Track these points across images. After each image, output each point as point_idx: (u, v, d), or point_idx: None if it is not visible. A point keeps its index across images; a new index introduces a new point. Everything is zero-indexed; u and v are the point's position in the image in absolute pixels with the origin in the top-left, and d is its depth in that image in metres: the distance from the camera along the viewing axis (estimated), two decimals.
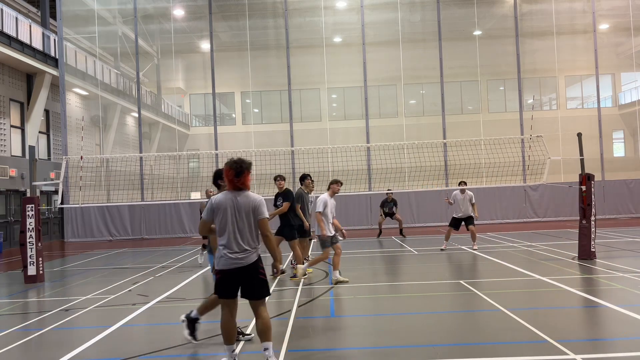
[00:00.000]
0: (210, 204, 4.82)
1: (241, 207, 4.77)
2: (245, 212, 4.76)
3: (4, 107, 20.58)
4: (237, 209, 4.76)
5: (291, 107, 24.05)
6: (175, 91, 27.42)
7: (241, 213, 4.76)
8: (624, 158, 26.23)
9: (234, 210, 4.76)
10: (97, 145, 25.10)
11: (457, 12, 24.83)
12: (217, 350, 5.72)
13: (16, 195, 20.72)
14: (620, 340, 5.56)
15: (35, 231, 11.18)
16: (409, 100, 25.71)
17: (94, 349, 5.92)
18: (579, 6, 24.84)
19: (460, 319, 6.70)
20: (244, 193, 4.82)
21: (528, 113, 23.61)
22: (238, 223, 4.76)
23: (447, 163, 22.10)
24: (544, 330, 5.78)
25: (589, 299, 7.47)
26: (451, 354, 5.21)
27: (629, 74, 26.12)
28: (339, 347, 5.73)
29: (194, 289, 9.59)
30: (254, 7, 24.55)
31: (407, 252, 13.72)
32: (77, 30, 24.54)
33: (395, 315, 7.10)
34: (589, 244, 10.98)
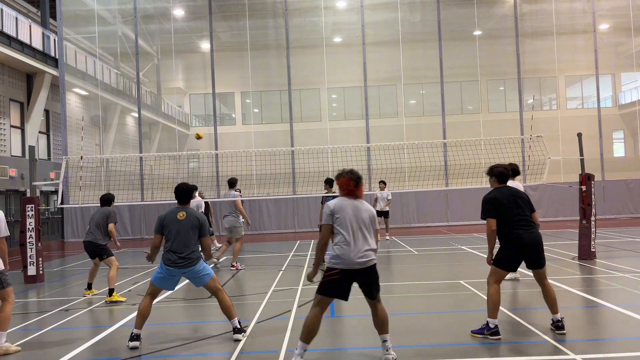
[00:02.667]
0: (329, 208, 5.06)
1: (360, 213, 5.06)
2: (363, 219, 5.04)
3: (4, 107, 20.58)
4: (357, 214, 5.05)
5: (291, 107, 24.04)
6: (175, 91, 27.41)
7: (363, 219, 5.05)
8: (624, 158, 26.23)
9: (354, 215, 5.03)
10: (97, 145, 25.10)
11: (457, 12, 24.83)
12: (217, 350, 5.72)
13: (16, 195, 20.72)
14: (620, 340, 5.56)
15: (35, 231, 11.18)
16: (409, 100, 25.71)
17: (94, 349, 5.92)
18: (579, 6, 24.84)
19: (460, 318, 6.69)
20: (361, 201, 5.15)
21: (528, 113, 23.61)
22: (360, 227, 5.00)
23: (447, 163, 22.09)
24: (544, 330, 5.78)
25: (589, 299, 7.47)
26: (451, 354, 5.21)
27: (629, 74, 26.12)
28: (339, 347, 5.72)
29: (194, 289, 9.59)
30: (254, 7, 24.55)
31: (407, 252, 13.72)
32: (77, 30, 24.53)
33: (395, 315, 7.09)
34: (589, 244, 10.98)
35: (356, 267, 4.91)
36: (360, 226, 4.97)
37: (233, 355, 5.40)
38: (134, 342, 5.75)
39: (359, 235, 4.94)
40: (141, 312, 5.87)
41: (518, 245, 5.62)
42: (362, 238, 4.95)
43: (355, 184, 5.10)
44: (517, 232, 5.62)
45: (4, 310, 5.70)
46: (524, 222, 5.70)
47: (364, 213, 5.04)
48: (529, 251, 5.66)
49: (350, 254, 4.88)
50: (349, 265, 4.89)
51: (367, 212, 5.07)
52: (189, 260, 5.90)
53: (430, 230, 20.77)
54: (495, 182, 5.99)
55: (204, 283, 6.02)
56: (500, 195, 5.78)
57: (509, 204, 5.72)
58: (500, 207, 5.70)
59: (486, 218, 5.74)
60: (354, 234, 4.92)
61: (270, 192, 18.85)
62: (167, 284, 6.06)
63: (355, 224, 4.96)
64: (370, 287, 5.08)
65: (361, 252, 4.91)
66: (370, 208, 5.14)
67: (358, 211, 5.02)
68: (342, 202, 5.06)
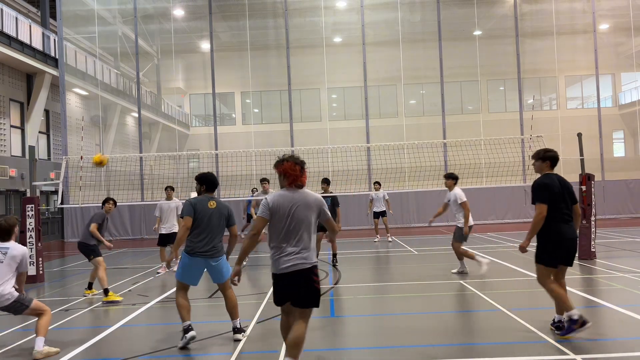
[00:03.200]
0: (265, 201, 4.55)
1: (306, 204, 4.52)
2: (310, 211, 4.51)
3: (4, 107, 20.57)
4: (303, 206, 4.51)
5: (291, 107, 24.04)
6: (175, 91, 27.42)
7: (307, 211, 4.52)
8: (624, 158, 26.23)
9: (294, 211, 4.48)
10: (97, 145, 25.10)
11: (457, 12, 24.82)
12: (217, 350, 5.72)
13: (16, 195, 20.71)
14: (620, 340, 5.56)
15: (35, 231, 11.19)
16: (409, 100, 25.71)
17: (94, 349, 5.92)
18: (579, 6, 24.83)
19: (460, 319, 6.69)
20: (304, 191, 4.61)
21: (528, 113, 23.60)
22: (297, 226, 4.46)
23: (447, 163, 22.08)
24: (544, 330, 5.78)
25: (589, 299, 7.47)
26: (451, 354, 5.21)
27: (629, 74, 26.12)
28: (339, 347, 5.72)
29: (194, 289, 9.58)
30: (254, 7, 24.54)
31: (407, 252, 13.72)
32: (77, 30, 24.53)
33: (395, 315, 7.10)
34: (589, 244, 10.98)
35: (286, 271, 4.42)
36: (297, 224, 4.43)
37: (233, 355, 5.40)
38: (190, 333, 5.69)
39: (293, 235, 4.43)
40: (181, 306, 5.82)
41: (558, 240, 5.48)
42: (297, 238, 4.43)
43: (300, 169, 4.58)
44: (558, 226, 5.48)
45: (41, 319, 5.72)
46: (567, 216, 5.56)
47: (306, 207, 4.47)
48: (568, 246, 5.54)
49: (281, 257, 4.43)
50: (279, 269, 4.45)
51: (311, 205, 4.49)
52: (215, 250, 5.88)
53: (430, 230, 20.75)
54: (548, 167, 5.76)
55: (225, 279, 5.97)
56: (552, 182, 5.59)
57: (558, 194, 5.53)
58: (553, 195, 5.49)
59: (537, 203, 5.50)
60: (287, 234, 4.43)
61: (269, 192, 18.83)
62: (191, 277, 5.95)
63: (292, 221, 4.42)
64: (301, 295, 4.47)
65: (292, 255, 4.41)
66: (317, 198, 4.56)
67: (299, 206, 4.46)
68: (282, 197, 4.51)
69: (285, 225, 4.43)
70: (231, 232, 6.08)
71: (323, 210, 4.57)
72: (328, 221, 4.65)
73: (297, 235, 4.43)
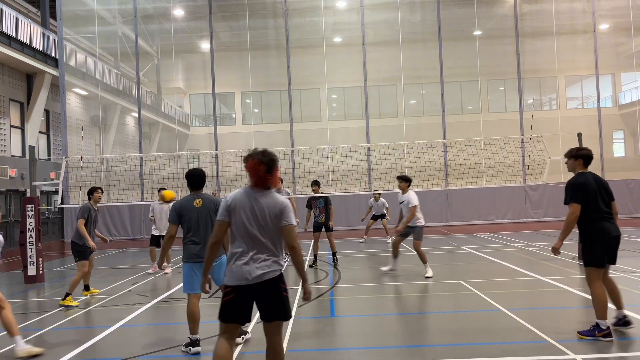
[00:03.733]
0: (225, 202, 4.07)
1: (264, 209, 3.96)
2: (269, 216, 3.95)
3: (4, 107, 20.58)
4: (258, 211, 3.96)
5: (291, 107, 24.04)
6: (175, 91, 27.42)
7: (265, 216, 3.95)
8: (624, 158, 26.23)
9: (255, 213, 3.95)
10: (97, 145, 25.11)
11: (457, 12, 24.83)
12: None
13: (16, 195, 20.71)
14: (620, 340, 5.55)
15: (35, 231, 11.19)
16: (409, 100, 25.71)
17: (94, 349, 5.92)
18: (579, 6, 24.84)
19: (460, 319, 6.69)
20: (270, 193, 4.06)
21: (528, 113, 23.61)
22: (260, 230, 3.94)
23: (447, 163, 22.10)
24: (544, 330, 5.78)
25: (589, 299, 7.45)
26: (451, 354, 5.21)
27: (629, 74, 26.13)
28: (339, 347, 5.72)
29: None
30: (254, 7, 24.55)
31: (406, 252, 13.72)
32: (77, 30, 24.54)
33: (395, 315, 7.10)
34: None
35: (248, 282, 3.86)
36: (260, 228, 3.91)
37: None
38: (196, 348, 5.53)
39: (255, 241, 3.91)
40: (189, 316, 5.55)
41: (605, 239, 5.35)
42: (259, 244, 3.90)
43: (266, 169, 3.96)
44: (601, 224, 5.35)
45: (2, 316, 5.60)
46: (607, 214, 5.43)
47: (269, 209, 3.92)
48: (614, 244, 5.42)
49: (242, 266, 3.88)
50: (240, 280, 3.88)
51: (274, 208, 3.93)
52: None
53: (430, 230, 20.75)
54: (581, 166, 5.68)
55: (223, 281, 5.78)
56: (587, 181, 5.47)
57: (594, 193, 5.41)
58: (588, 194, 5.38)
59: (571, 203, 5.43)
60: (249, 239, 3.91)
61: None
62: (197, 286, 5.50)
63: (254, 225, 3.91)
64: (268, 308, 3.94)
65: (256, 263, 3.88)
66: (282, 201, 3.98)
67: (261, 208, 3.92)
68: (242, 196, 3.99)
69: (245, 228, 3.91)
70: None
71: (285, 215, 3.94)
72: (286, 229, 3.93)
73: (259, 241, 3.91)
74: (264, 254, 3.90)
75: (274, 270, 3.90)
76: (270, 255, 3.92)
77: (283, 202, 3.99)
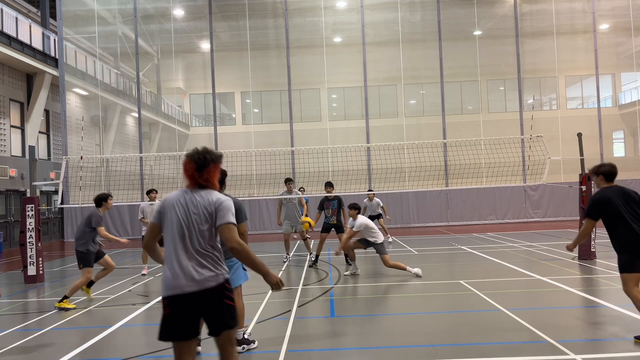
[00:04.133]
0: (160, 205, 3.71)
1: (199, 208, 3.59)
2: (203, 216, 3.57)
3: (4, 107, 20.58)
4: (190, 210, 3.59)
5: (291, 107, 24.05)
6: (175, 91, 27.42)
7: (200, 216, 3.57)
8: (624, 158, 26.23)
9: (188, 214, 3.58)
10: (97, 145, 25.10)
11: (457, 12, 24.83)
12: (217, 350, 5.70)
13: (16, 195, 20.71)
14: (620, 340, 5.55)
15: (35, 231, 11.19)
16: (409, 100, 25.71)
17: (94, 349, 5.92)
18: (579, 6, 24.84)
19: (460, 319, 6.69)
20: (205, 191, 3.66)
21: (528, 113, 23.62)
22: (192, 234, 3.54)
23: (447, 163, 22.10)
24: (544, 330, 5.78)
25: (589, 299, 7.47)
26: (451, 354, 5.21)
27: (629, 74, 26.13)
28: (339, 347, 5.72)
29: None
30: (254, 7, 24.55)
31: (406, 252, 13.72)
32: (77, 30, 24.54)
33: (395, 315, 7.10)
34: (589, 244, 10.98)
35: (184, 291, 3.42)
36: (195, 231, 3.52)
37: None
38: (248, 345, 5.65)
39: (190, 245, 3.51)
40: None
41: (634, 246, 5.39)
42: (195, 249, 3.51)
43: (196, 167, 3.60)
44: (632, 231, 5.41)
45: None
46: (637, 219, 5.49)
47: (204, 209, 3.55)
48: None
49: (178, 274, 3.45)
50: (176, 289, 3.44)
51: (209, 208, 3.55)
52: None
53: (430, 230, 20.77)
54: (603, 181, 5.89)
55: (236, 283, 5.67)
56: (606, 196, 5.62)
57: (617, 206, 5.53)
58: (606, 209, 5.55)
59: (586, 218, 5.68)
60: (183, 243, 3.52)
61: (270, 192, 18.85)
62: None
63: (188, 227, 3.52)
64: (212, 319, 3.50)
65: (194, 270, 3.45)
66: (218, 199, 3.58)
67: (196, 208, 3.55)
68: (176, 197, 3.63)
69: (178, 232, 3.53)
70: (239, 229, 5.78)
71: (221, 214, 3.53)
72: (222, 228, 3.52)
73: (194, 245, 3.51)
74: (201, 259, 3.49)
75: (215, 276, 3.49)
76: (209, 260, 3.52)
77: (218, 200, 3.57)
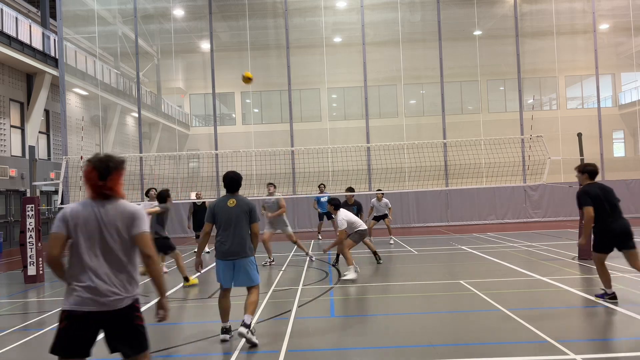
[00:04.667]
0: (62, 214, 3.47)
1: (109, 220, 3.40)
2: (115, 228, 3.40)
3: (4, 107, 20.58)
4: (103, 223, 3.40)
5: (291, 107, 24.05)
6: (175, 91, 27.42)
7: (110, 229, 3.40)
8: (624, 158, 26.23)
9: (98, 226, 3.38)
10: (97, 145, 25.10)
11: (457, 12, 24.83)
12: (217, 350, 5.72)
13: (16, 195, 20.72)
14: (620, 340, 5.56)
15: (35, 231, 11.19)
16: (409, 100, 25.71)
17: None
18: (579, 6, 24.84)
19: (460, 319, 6.69)
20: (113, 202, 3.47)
21: (528, 113, 23.62)
22: (100, 247, 3.37)
23: (447, 163, 22.10)
24: (544, 330, 5.78)
25: (589, 299, 7.47)
26: (451, 354, 5.21)
27: (629, 74, 26.13)
28: (339, 347, 5.73)
29: (194, 289, 9.60)
30: (254, 7, 24.55)
31: (406, 252, 13.72)
32: (77, 30, 24.53)
33: (395, 315, 7.10)
34: (589, 244, 10.95)
35: (90, 309, 3.27)
36: (100, 245, 3.35)
37: (233, 355, 5.40)
38: (224, 335, 5.85)
39: (93, 260, 3.33)
40: (222, 308, 5.89)
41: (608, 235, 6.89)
42: (101, 263, 3.33)
43: (99, 176, 3.38)
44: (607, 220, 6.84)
45: None
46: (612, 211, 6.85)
47: (117, 221, 3.38)
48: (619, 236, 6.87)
49: (84, 289, 3.28)
50: (80, 305, 3.28)
51: (122, 218, 3.39)
52: (241, 250, 5.81)
53: (430, 230, 20.77)
54: (587, 179, 7.16)
55: (253, 283, 5.89)
56: (592, 189, 6.96)
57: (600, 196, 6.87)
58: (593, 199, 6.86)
59: (584, 207, 6.87)
60: (86, 255, 3.33)
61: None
62: (224, 280, 5.91)
63: (90, 241, 3.34)
64: (124, 342, 3.39)
65: (102, 286, 3.28)
66: (130, 209, 3.44)
67: (106, 220, 3.37)
68: (83, 208, 3.41)
69: (87, 245, 3.34)
70: (252, 229, 5.96)
71: (136, 223, 3.41)
72: (138, 237, 3.41)
73: (104, 259, 3.34)
74: (114, 277, 3.33)
75: (126, 294, 3.35)
76: (121, 278, 3.36)
77: (131, 209, 3.44)
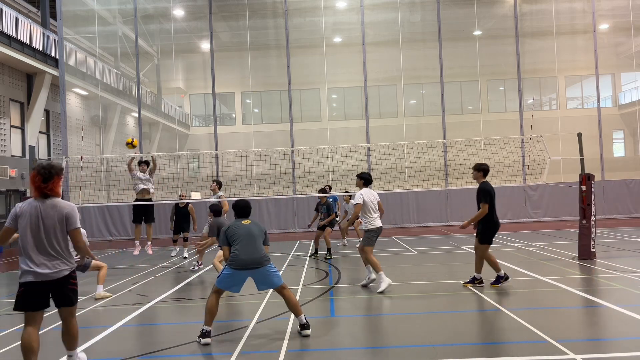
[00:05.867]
0: (14, 211, 4.71)
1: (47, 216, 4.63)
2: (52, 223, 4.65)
3: (4, 107, 20.58)
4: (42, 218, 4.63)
5: (291, 107, 24.04)
6: (175, 91, 27.41)
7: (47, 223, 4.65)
8: (624, 158, 26.23)
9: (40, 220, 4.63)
10: (97, 145, 25.10)
11: (457, 12, 24.82)
12: (217, 350, 5.71)
13: (16, 195, 20.72)
14: (620, 340, 5.56)
15: None
16: (409, 100, 25.71)
17: (94, 348, 5.92)
18: (579, 6, 24.83)
19: (460, 319, 6.69)
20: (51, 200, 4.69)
21: (528, 113, 23.61)
22: (42, 236, 4.63)
23: (447, 163, 22.08)
24: (544, 330, 5.78)
25: (589, 299, 7.47)
26: (451, 354, 5.21)
27: (629, 74, 26.12)
28: (339, 347, 5.72)
29: (194, 289, 9.60)
30: (254, 7, 24.55)
31: (406, 252, 13.72)
32: (77, 30, 24.52)
33: (395, 315, 7.10)
34: (589, 244, 10.98)
35: (38, 279, 4.63)
36: (47, 235, 4.60)
37: (233, 355, 5.40)
38: (205, 339, 5.78)
39: (44, 246, 4.61)
40: (209, 309, 5.87)
41: (496, 228, 8.61)
42: (47, 249, 4.62)
43: (42, 179, 4.60)
44: (495, 215, 8.56)
45: None
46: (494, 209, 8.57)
47: (55, 217, 4.62)
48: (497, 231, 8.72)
49: (34, 268, 4.62)
50: (34, 278, 4.63)
51: (59, 215, 4.66)
52: (262, 259, 5.93)
53: (430, 230, 20.77)
54: (482, 177, 8.81)
55: (274, 285, 5.99)
56: (491, 187, 8.60)
57: (493, 195, 8.59)
58: (493, 195, 8.49)
59: (483, 203, 8.37)
60: (37, 245, 4.60)
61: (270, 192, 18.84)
62: (233, 286, 5.99)
63: (41, 232, 4.60)
64: (59, 298, 4.86)
65: (46, 266, 4.64)
66: (65, 208, 4.73)
67: (46, 216, 4.61)
68: (29, 207, 4.63)
69: (33, 236, 4.55)
70: None
71: (70, 221, 4.69)
72: (72, 233, 4.73)
73: (46, 247, 4.58)
74: (55, 256, 4.62)
75: (63, 270, 4.66)
76: (58, 257, 4.64)
77: (66, 208, 4.66)
